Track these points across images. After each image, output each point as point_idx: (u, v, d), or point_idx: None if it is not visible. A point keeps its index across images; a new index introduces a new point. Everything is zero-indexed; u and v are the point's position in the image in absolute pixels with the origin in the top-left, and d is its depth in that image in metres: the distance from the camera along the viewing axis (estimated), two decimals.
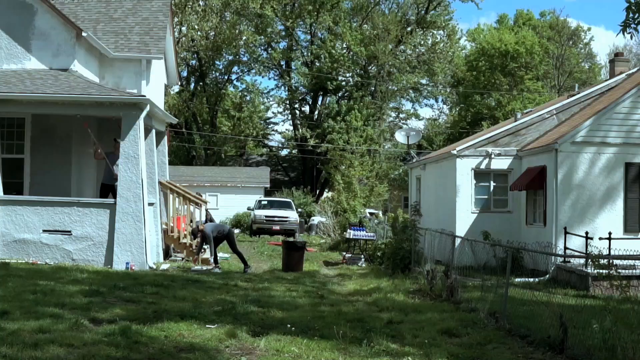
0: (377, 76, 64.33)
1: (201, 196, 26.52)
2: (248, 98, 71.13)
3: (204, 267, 21.65)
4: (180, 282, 17.56)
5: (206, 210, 26.65)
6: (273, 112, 77.23)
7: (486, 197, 27.62)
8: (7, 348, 9.40)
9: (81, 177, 24.00)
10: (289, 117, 72.70)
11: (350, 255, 27.63)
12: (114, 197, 20.99)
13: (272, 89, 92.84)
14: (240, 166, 69.07)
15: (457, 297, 16.03)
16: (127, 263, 20.11)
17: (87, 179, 24.39)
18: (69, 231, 20.52)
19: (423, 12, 66.97)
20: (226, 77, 72.88)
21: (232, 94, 73.26)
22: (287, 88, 69.26)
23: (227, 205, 51.81)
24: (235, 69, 72.55)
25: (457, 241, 19.15)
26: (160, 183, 23.96)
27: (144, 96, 21.62)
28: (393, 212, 51.91)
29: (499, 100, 70.43)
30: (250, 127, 69.07)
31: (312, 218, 49.43)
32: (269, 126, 77.10)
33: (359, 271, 23.78)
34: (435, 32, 68.64)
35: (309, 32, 68.14)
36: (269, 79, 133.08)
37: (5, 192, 20.92)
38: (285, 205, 45.70)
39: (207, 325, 11.84)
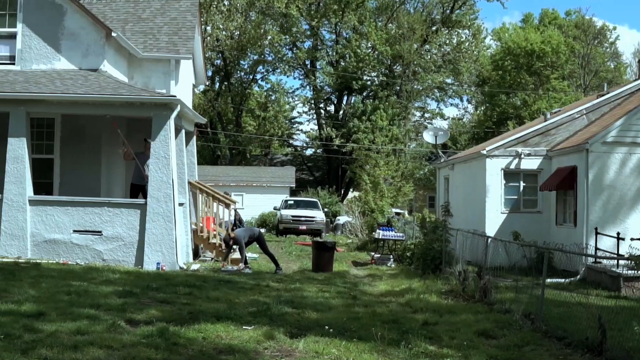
0: (402, 75, 64.31)
1: (229, 195, 26.47)
2: (273, 97, 71.25)
3: (234, 268, 21.60)
4: (212, 282, 17.50)
5: (235, 210, 26.59)
6: (298, 112, 77.68)
7: (516, 197, 27.51)
8: (47, 350, 9.39)
9: (110, 177, 24.03)
10: (314, 117, 72.78)
11: (379, 255, 27.51)
12: (144, 197, 20.95)
13: (297, 89, 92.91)
14: (265, 166, 69.14)
15: (490, 298, 15.90)
16: (158, 263, 20.06)
17: (116, 179, 24.42)
18: (100, 231, 20.51)
19: (448, 11, 66.88)
20: (251, 77, 73.14)
21: (257, 94, 73.46)
22: (312, 87, 69.33)
23: (252, 205, 51.75)
24: (260, 68, 72.88)
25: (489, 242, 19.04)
26: (189, 183, 23.95)
27: (175, 96, 21.60)
28: (418, 211, 51.94)
29: (525, 99, 70.17)
30: (275, 126, 69.14)
31: (338, 218, 49.39)
32: (294, 126, 77.33)
33: (388, 272, 23.70)
34: (460, 31, 68.70)
35: (334, 31, 68.20)
36: (294, 78, 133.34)
37: (35, 192, 20.96)
38: (312, 205, 45.69)
39: (243, 327, 11.76)
